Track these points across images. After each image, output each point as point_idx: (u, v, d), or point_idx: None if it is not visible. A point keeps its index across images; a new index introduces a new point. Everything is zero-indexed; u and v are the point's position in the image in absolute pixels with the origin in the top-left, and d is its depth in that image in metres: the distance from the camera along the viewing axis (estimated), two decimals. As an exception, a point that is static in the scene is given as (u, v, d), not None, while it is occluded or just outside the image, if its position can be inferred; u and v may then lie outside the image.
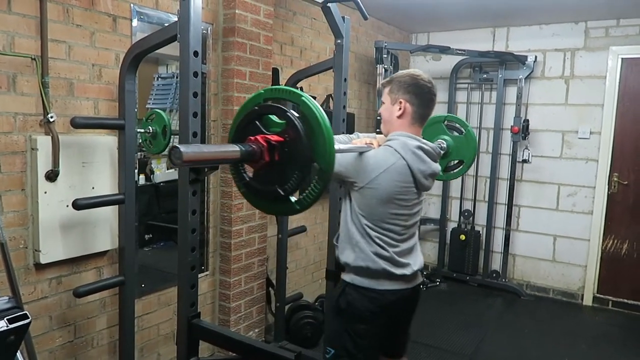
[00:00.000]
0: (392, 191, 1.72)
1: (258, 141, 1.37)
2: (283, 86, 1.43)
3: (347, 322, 1.81)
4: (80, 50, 2.10)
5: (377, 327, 1.81)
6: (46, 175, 1.96)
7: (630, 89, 4.07)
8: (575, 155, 4.32)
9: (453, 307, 4.17)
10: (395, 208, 1.75)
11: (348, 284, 1.81)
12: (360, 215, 1.75)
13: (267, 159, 1.36)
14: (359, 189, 1.73)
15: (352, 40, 4.06)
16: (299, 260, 3.71)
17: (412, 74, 1.82)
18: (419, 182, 1.77)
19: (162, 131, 2.24)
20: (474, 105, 4.77)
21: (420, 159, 1.76)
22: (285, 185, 1.38)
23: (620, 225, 4.18)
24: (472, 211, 4.80)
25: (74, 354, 2.20)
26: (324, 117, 1.35)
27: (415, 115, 1.81)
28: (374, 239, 1.75)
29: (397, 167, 1.72)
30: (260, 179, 1.44)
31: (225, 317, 2.91)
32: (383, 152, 1.74)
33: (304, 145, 1.34)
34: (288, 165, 1.38)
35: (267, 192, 1.43)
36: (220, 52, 2.76)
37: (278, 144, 1.37)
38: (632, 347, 3.52)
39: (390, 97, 1.84)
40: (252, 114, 1.44)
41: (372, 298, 1.78)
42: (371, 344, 1.82)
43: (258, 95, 1.48)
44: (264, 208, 1.58)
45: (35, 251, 1.98)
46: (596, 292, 4.30)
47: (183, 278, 1.77)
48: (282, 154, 1.37)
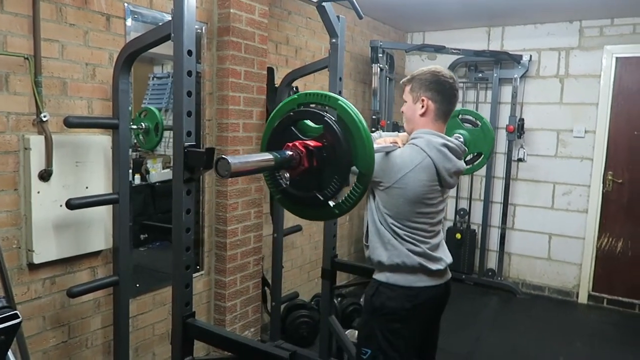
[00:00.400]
0: (419, 190, 1.70)
1: (297, 147, 1.37)
2: (318, 91, 1.44)
3: (381, 321, 1.78)
4: (73, 50, 2.09)
5: (412, 326, 1.80)
6: (39, 175, 1.95)
7: (624, 88, 4.09)
8: (570, 154, 4.33)
9: (449, 306, 4.12)
10: (422, 207, 1.74)
11: (382, 283, 1.79)
12: (386, 214, 1.74)
13: (306, 164, 1.37)
14: (384, 189, 1.72)
15: (348, 39, 4.06)
16: (294, 259, 3.70)
17: (433, 71, 1.80)
18: (444, 179, 1.75)
19: (154, 128, 2.25)
20: (469, 104, 4.78)
21: (445, 157, 1.75)
22: (325, 190, 1.38)
23: (615, 224, 4.20)
24: (468, 210, 4.81)
25: (68, 355, 2.19)
26: (362, 120, 1.36)
27: (438, 112, 1.80)
28: (403, 237, 1.75)
29: (423, 165, 1.70)
30: (297, 185, 1.45)
31: (220, 317, 2.91)
32: (409, 151, 1.73)
33: (343, 149, 1.35)
34: (327, 170, 1.38)
35: (305, 198, 1.43)
36: (215, 51, 2.76)
37: (316, 149, 1.37)
38: (627, 344, 3.53)
39: (412, 95, 1.83)
40: (288, 120, 1.45)
41: (408, 296, 1.76)
42: (406, 343, 1.80)
43: (292, 101, 1.48)
44: (300, 213, 1.58)
45: (28, 251, 1.97)
46: (591, 290, 4.32)
47: (177, 277, 1.76)
48: (321, 159, 1.38)
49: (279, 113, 1.50)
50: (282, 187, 1.48)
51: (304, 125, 1.44)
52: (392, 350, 1.77)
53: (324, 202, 1.39)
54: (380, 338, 1.78)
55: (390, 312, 1.76)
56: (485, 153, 2.51)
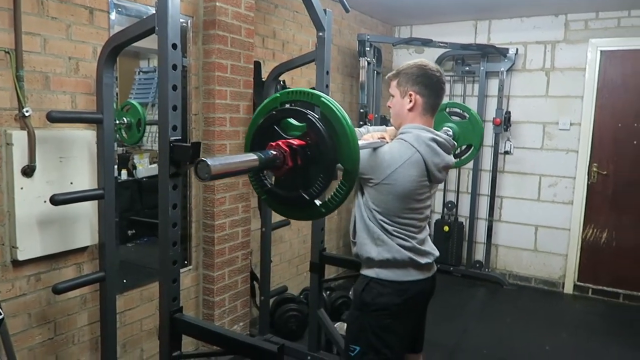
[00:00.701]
0: (409, 186, 1.69)
1: (280, 146, 1.35)
2: (300, 88, 1.41)
3: (372, 317, 1.77)
4: (56, 43, 2.05)
5: (403, 320, 1.79)
6: (22, 171, 1.92)
7: (609, 81, 4.14)
8: (555, 147, 4.38)
9: (436, 298, 4.16)
10: (411, 203, 1.73)
11: (372, 279, 1.78)
12: (375, 211, 1.73)
13: (291, 164, 1.34)
14: (374, 185, 1.70)
15: (335, 33, 4.05)
16: (283, 253, 3.71)
17: (420, 64, 1.79)
18: (433, 175, 1.74)
19: (136, 123, 2.22)
20: (456, 97, 4.80)
21: (434, 152, 1.73)
22: (310, 189, 1.36)
23: (599, 215, 4.26)
24: (456, 203, 4.84)
25: (55, 351, 2.17)
26: (347, 117, 1.34)
27: (426, 106, 1.78)
28: (392, 233, 1.74)
29: (412, 161, 1.69)
30: (283, 185, 1.43)
31: (209, 312, 2.90)
32: (398, 147, 1.71)
33: (328, 147, 1.33)
34: (311, 168, 1.36)
35: (290, 197, 1.41)
36: (201, 45, 2.73)
37: (300, 148, 1.35)
38: (611, 334, 3.60)
39: (399, 90, 1.81)
40: (270, 119, 1.42)
41: (399, 291, 1.76)
42: (397, 339, 1.79)
43: (274, 99, 1.46)
44: (287, 214, 1.56)
45: (12, 248, 1.94)
46: (576, 280, 4.38)
47: (164, 272, 1.75)
48: (305, 157, 1.35)
49: (261, 112, 1.48)
50: (267, 188, 1.46)
51: (287, 123, 1.42)
52: (383, 346, 1.76)
53: (310, 201, 1.37)
54: (370, 334, 1.76)
55: (381, 307, 1.75)
56: (475, 144, 2.51)
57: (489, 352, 3.25)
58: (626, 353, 3.29)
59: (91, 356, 2.32)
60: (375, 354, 1.77)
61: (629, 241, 4.15)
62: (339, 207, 1.39)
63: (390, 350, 1.77)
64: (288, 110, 1.41)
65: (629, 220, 4.14)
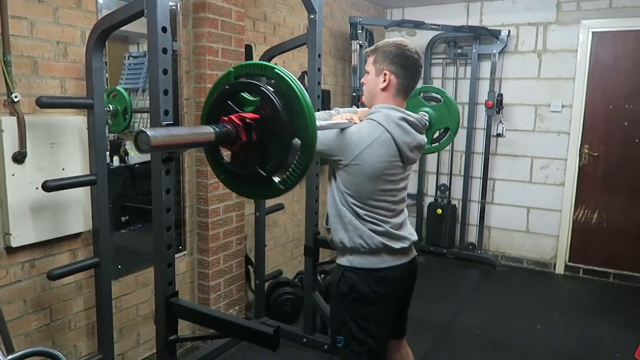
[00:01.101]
0: (379, 166, 1.65)
1: (232, 120, 1.29)
2: (254, 61, 1.37)
3: (351, 307, 1.74)
4: (43, 27, 2.02)
5: (383, 308, 1.76)
6: (13, 157, 1.91)
7: (600, 63, 4.14)
8: (547, 129, 4.40)
9: (430, 280, 4.26)
10: (383, 184, 1.69)
11: (346, 268, 1.74)
12: (346, 194, 1.69)
13: (245, 138, 1.29)
14: (344, 167, 1.66)
15: (327, 16, 4.02)
16: (277, 237, 3.72)
17: (399, 43, 1.73)
18: (405, 155, 1.70)
19: (122, 111, 2.18)
20: (449, 80, 4.79)
21: (404, 131, 1.69)
22: (267, 166, 1.32)
23: (590, 196, 4.30)
24: (449, 185, 4.87)
25: (51, 337, 2.18)
26: (302, 89, 1.29)
27: (400, 87, 1.74)
28: (364, 217, 1.70)
29: (381, 140, 1.65)
30: (239, 162, 1.38)
31: (204, 296, 2.92)
32: (366, 126, 1.67)
33: (283, 120, 1.27)
34: (267, 143, 1.31)
35: (247, 175, 1.36)
36: (191, 28, 2.70)
37: (254, 122, 1.29)
38: (602, 312, 3.66)
39: (374, 67, 1.76)
40: (224, 94, 1.37)
41: (375, 278, 1.72)
42: (379, 327, 1.76)
43: (228, 74, 1.40)
44: (246, 193, 1.52)
45: (5, 234, 1.94)
46: (568, 260, 4.44)
47: (159, 257, 1.76)
48: (260, 132, 1.30)
49: (215, 89, 1.42)
50: (224, 167, 1.41)
51: (242, 98, 1.36)
52: (365, 336, 1.74)
53: (268, 178, 1.32)
54: (352, 325, 1.74)
55: (359, 296, 1.72)
56: (452, 127, 2.47)
57: (481, 332, 3.30)
58: (616, 331, 3.35)
59: (88, 341, 2.33)
60: (358, 345, 1.74)
61: (619, 221, 4.21)
62: (298, 183, 1.34)
63: (373, 339, 1.75)
64: (240, 84, 1.36)
65: (619, 200, 4.19)
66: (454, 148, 4.78)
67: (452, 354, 3.01)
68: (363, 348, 1.74)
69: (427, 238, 4.91)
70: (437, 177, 4.93)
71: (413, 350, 2.16)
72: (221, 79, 1.42)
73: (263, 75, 1.35)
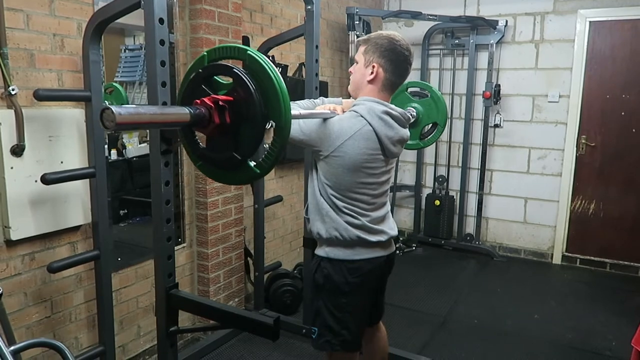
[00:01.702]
0: (359, 159, 1.65)
1: (205, 102, 1.29)
2: (226, 44, 1.37)
3: (326, 297, 1.76)
4: (39, 20, 2.01)
5: (358, 298, 1.77)
6: (11, 150, 1.91)
7: (597, 52, 4.14)
8: (545, 119, 4.40)
9: (428, 271, 4.29)
10: (363, 177, 1.69)
11: (323, 259, 1.77)
12: (326, 185, 1.70)
13: (218, 120, 1.29)
14: (324, 158, 1.66)
15: (323, 6, 4.00)
16: (276, 229, 3.73)
17: (392, 37, 1.71)
18: (387, 148, 1.70)
19: None
20: (446, 71, 4.79)
21: (387, 125, 1.69)
22: (241, 149, 1.31)
23: (587, 186, 4.32)
24: (446, 177, 4.88)
25: (52, 329, 2.19)
26: (274, 70, 1.28)
27: (386, 82, 1.73)
28: (342, 209, 1.71)
29: (363, 133, 1.64)
30: (214, 147, 1.37)
31: (204, 288, 2.93)
32: (348, 118, 1.66)
33: (256, 102, 1.27)
34: (241, 126, 1.30)
35: (223, 159, 1.36)
36: (188, 20, 2.69)
37: (227, 104, 1.29)
38: (598, 301, 3.69)
39: (364, 57, 1.74)
40: (197, 78, 1.37)
41: (349, 269, 1.73)
42: (353, 317, 1.78)
43: (202, 58, 1.39)
44: (223, 179, 1.52)
45: (5, 228, 1.94)
46: (565, 251, 4.47)
47: (159, 249, 1.76)
48: (233, 115, 1.29)
49: (189, 73, 1.42)
50: (200, 152, 1.41)
51: (216, 82, 1.36)
52: (340, 327, 1.76)
53: (243, 161, 1.32)
54: (326, 315, 1.76)
55: (334, 287, 1.74)
56: (440, 122, 2.47)
57: (479, 322, 3.33)
58: (612, 319, 3.38)
59: (89, 333, 2.34)
60: (333, 336, 1.76)
61: (616, 212, 4.23)
62: (273, 167, 1.35)
63: (348, 331, 1.77)
64: (213, 66, 1.36)
65: (616, 191, 4.21)
66: (451, 139, 4.79)
67: (451, 344, 3.04)
68: (337, 339, 1.76)
69: (425, 229, 4.93)
70: (435, 168, 4.94)
71: (412, 340, 2.19)
72: (195, 63, 1.41)
73: (236, 58, 1.34)
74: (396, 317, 3.29)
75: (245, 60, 1.30)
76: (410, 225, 5.05)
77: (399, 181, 5.01)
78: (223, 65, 1.32)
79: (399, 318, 3.29)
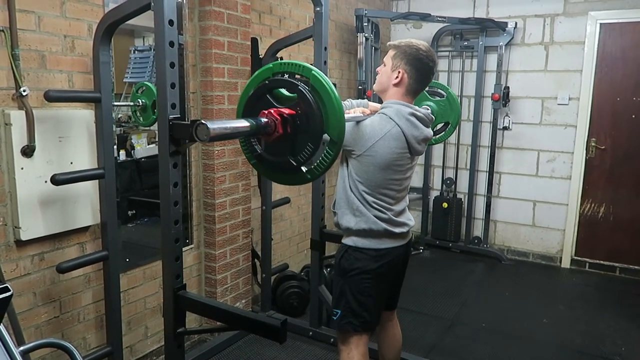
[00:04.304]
0: (389, 157, 1.80)
1: (272, 114, 1.44)
2: (292, 60, 1.52)
3: (351, 282, 1.91)
4: (50, 21, 2.03)
5: (380, 283, 1.93)
6: (22, 151, 1.92)
7: (608, 54, 4.11)
8: (554, 122, 4.37)
9: (436, 274, 4.26)
10: (392, 174, 1.84)
11: (350, 247, 1.92)
12: (358, 182, 1.84)
13: (281, 131, 1.44)
14: (356, 157, 1.81)
15: (332, 8, 4.00)
16: (283, 231, 3.73)
17: (421, 48, 1.86)
18: (413, 147, 1.85)
19: (151, 105, 2.22)
20: (455, 73, 4.77)
21: (413, 125, 1.84)
22: (298, 156, 1.47)
23: (597, 190, 4.28)
24: (454, 179, 4.86)
25: (61, 329, 2.20)
26: (334, 90, 1.43)
27: (410, 87, 1.88)
28: (372, 204, 1.85)
29: (392, 134, 1.79)
30: (272, 151, 1.53)
31: (211, 289, 2.94)
32: (379, 120, 1.81)
33: (316, 117, 1.42)
34: (300, 137, 1.46)
35: (279, 163, 1.52)
36: (197, 21, 2.70)
37: (290, 117, 1.44)
38: (608, 306, 3.65)
39: (392, 62, 1.89)
40: (263, 88, 1.52)
41: (375, 256, 1.89)
42: (374, 301, 1.93)
43: (267, 70, 1.54)
44: (274, 178, 1.68)
45: (15, 228, 1.95)
46: (574, 254, 4.43)
47: (167, 250, 1.76)
48: (294, 126, 1.45)
49: (254, 82, 1.56)
50: (257, 153, 1.56)
51: (279, 93, 1.51)
52: (362, 310, 1.91)
53: (297, 167, 1.47)
54: (350, 298, 1.91)
55: (360, 272, 1.89)
56: (452, 122, 2.64)
57: (487, 325, 3.30)
58: (622, 324, 3.35)
59: (97, 334, 2.35)
60: (354, 317, 1.92)
61: (626, 215, 4.19)
62: (323, 174, 1.50)
63: (368, 312, 1.92)
64: (280, 80, 1.50)
65: (627, 194, 4.16)
66: (459, 141, 4.77)
67: (459, 346, 3.02)
68: (358, 320, 1.92)
69: (433, 232, 4.91)
70: (442, 170, 4.92)
71: (419, 343, 2.20)
72: (260, 73, 1.56)
73: (300, 74, 1.48)
74: (404, 319, 3.24)
75: (309, 78, 1.45)
76: (418, 228, 5.02)
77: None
78: (290, 81, 1.47)
79: (406, 321, 3.27)
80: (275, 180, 1.74)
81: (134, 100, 2.22)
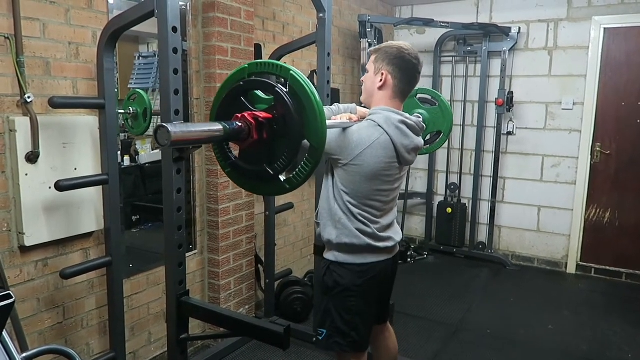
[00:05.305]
0: (377, 167, 1.70)
1: (245, 118, 1.32)
2: (269, 60, 1.39)
3: (335, 300, 1.80)
4: (55, 28, 2.04)
5: (366, 300, 1.82)
6: (26, 157, 1.93)
7: (612, 59, 4.10)
8: (558, 127, 4.36)
9: (440, 279, 4.24)
10: (379, 184, 1.74)
11: (332, 262, 1.81)
12: (343, 192, 1.74)
13: (256, 136, 1.31)
14: (343, 166, 1.71)
15: (335, 14, 4.02)
16: (287, 236, 3.73)
17: (401, 46, 1.78)
18: (402, 156, 1.75)
19: (142, 113, 2.19)
20: (458, 78, 4.77)
21: (403, 134, 1.74)
22: (275, 164, 1.33)
23: (602, 195, 4.26)
24: (458, 184, 4.84)
25: (64, 335, 2.20)
26: (315, 92, 1.30)
27: (396, 89, 1.78)
28: (356, 216, 1.75)
29: (380, 142, 1.69)
30: (247, 158, 1.39)
31: (215, 295, 2.93)
32: (366, 127, 1.71)
33: (294, 121, 1.29)
34: (277, 143, 1.32)
35: (254, 171, 1.38)
36: (201, 28, 2.71)
37: (266, 121, 1.31)
38: (614, 312, 3.62)
39: (374, 66, 1.80)
40: (237, 90, 1.39)
41: (359, 272, 1.78)
42: (362, 319, 1.82)
43: (242, 70, 1.41)
44: (250, 188, 1.54)
45: (19, 234, 1.96)
46: (579, 260, 4.40)
47: (170, 256, 1.76)
48: (271, 131, 1.32)
49: (228, 83, 1.44)
50: (231, 160, 1.44)
51: (255, 96, 1.39)
52: (349, 329, 1.79)
53: (274, 176, 1.35)
54: (336, 317, 1.80)
55: (343, 289, 1.78)
56: (444, 131, 2.53)
57: (492, 331, 3.28)
58: (628, 330, 3.32)
59: (100, 339, 2.35)
60: (341, 337, 1.80)
61: (631, 220, 4.16)
62: (303, 184, 1.36)
63: (356, 332, 1.80)
64: (255, 82, 1.38)
65: (632, 199, 4.14)
66: (463, 147, 4.75)
67: (463, 352, 3.00)
68: (346, 340, 1.80)
69: (437, 237, 4.89)
70: (447, 175, 4.91)
71: (423, 349, 2.17)
72: (234, 74, 1.43)
73: (277, 75, 1.36)
74: (408, 325, 3.26)
75: (286, 78, 1.32)
76: (422, 233, 5.01)
77: (410, 188, 4.98)
78: (266, 82, 1.34)
79: (410, 327, 3.26)
80: (251, 191, 1.59)
81: (125, 108, 2.18)
